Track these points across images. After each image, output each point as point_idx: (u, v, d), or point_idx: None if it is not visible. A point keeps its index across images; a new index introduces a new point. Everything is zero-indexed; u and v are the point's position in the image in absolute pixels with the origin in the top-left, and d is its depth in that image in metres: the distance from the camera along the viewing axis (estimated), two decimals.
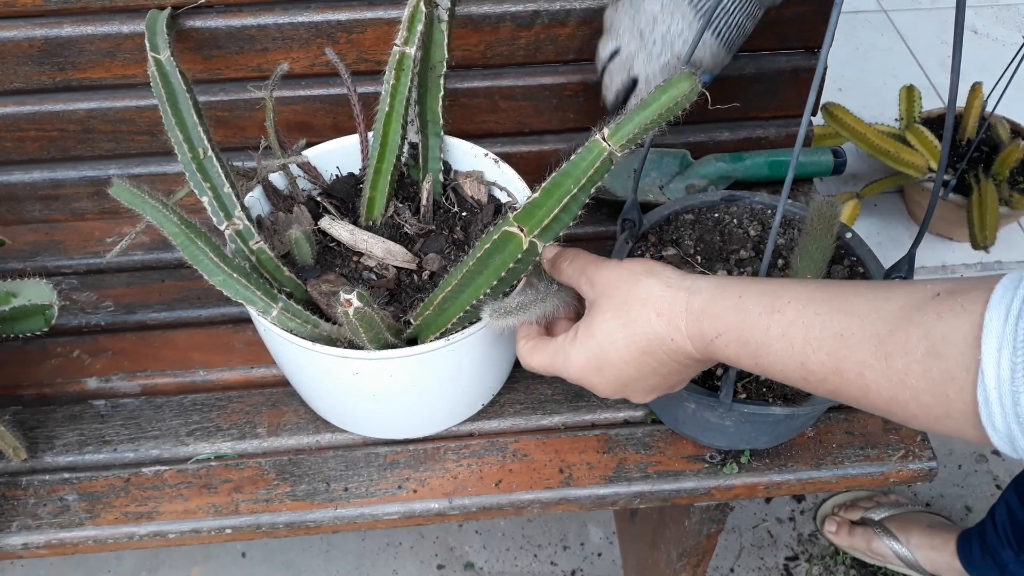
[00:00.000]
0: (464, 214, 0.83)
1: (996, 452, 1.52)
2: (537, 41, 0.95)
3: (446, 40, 0.78)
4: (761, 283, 0.56)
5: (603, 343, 0.60)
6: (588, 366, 0.62)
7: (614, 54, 0.82)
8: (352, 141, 0.85)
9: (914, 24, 2.21)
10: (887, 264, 0.78)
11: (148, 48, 0.78)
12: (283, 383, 0.85)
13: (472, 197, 0.84)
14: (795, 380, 0.53)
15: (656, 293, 0.59)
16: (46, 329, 0.77)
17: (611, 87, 0.83)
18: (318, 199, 0.83)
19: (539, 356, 0.65)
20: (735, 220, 0.85)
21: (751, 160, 1.00)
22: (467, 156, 0.85)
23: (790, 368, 0.53)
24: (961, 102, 1.63)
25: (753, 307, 0.54)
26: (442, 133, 0.83)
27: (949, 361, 0.44)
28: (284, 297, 0.70)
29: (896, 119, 1.65)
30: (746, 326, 0.54)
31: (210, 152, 0.74)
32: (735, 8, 0.77)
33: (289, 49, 0.93)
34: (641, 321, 0.59)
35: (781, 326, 0.53)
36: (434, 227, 0.82)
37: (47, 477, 0.79)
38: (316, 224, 0.80)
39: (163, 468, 0.80)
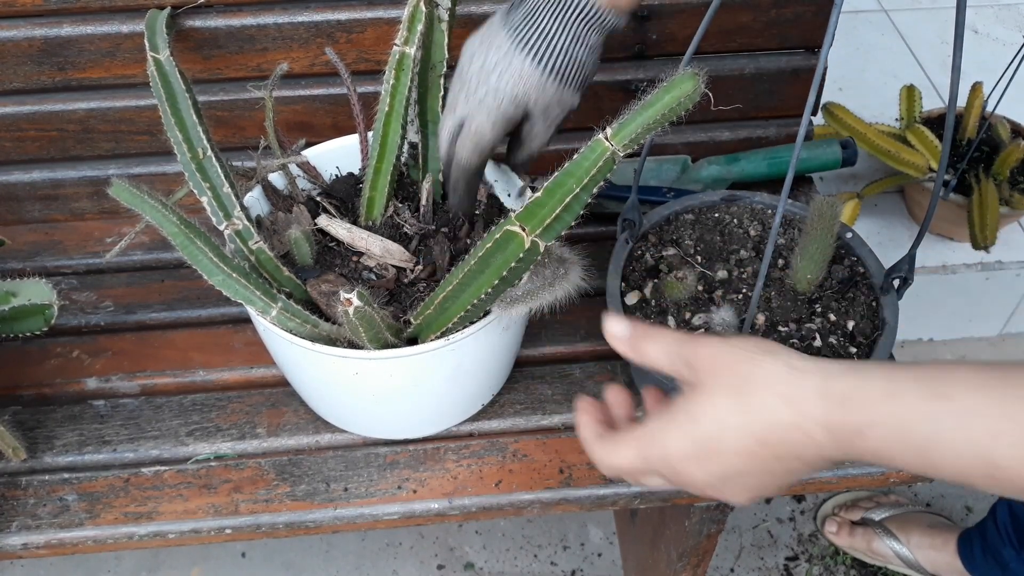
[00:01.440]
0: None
1: None
2: None
3: (446, 40, 0.78)
4: (906, 367, 0.48)
5: (711, 430, 0.52)
6: (689, 455, 0.53)
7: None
8: (352, 141, 0.85)
9: (914, 24, 2.21)
10: (887, 264, 0.78)
11: (148, 48, 0.78)
12: (283, 383, 0.85)
13: None
14: (977, 478, 0.45)
15: (781, 376, 0.51)
16: (46, 329, 0.77)
17: (441, 135, 0.76)
18: (318, 199, 0.83)
19: (624, 451, 0.55)
20: (735, 220, 0.85)
21: (747, 161, 1.00)
22: None
23: (973, 466, 0.45)
24: (961, 102, 1.63)
25: (910, 393, 0.47)
26: None
27: None
28: (284, 297, 0.70)
29: (896, 119, 1.65)
30: (906, 417, 0.46)
31: (209, 152, 0.74)
32: (560, 34, 0.69)
33: (289, 49, 0.93)
34: (762, 407, 0.50)
35: (955, 415, 0.45)
36: (434, 227, 0.82)
37: (47, 477, 0.79)
38: (315, 224, 0.80)
39: (163, 468, 0.80)
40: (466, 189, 0.78)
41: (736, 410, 0.51)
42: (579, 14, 0.69)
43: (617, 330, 0.58)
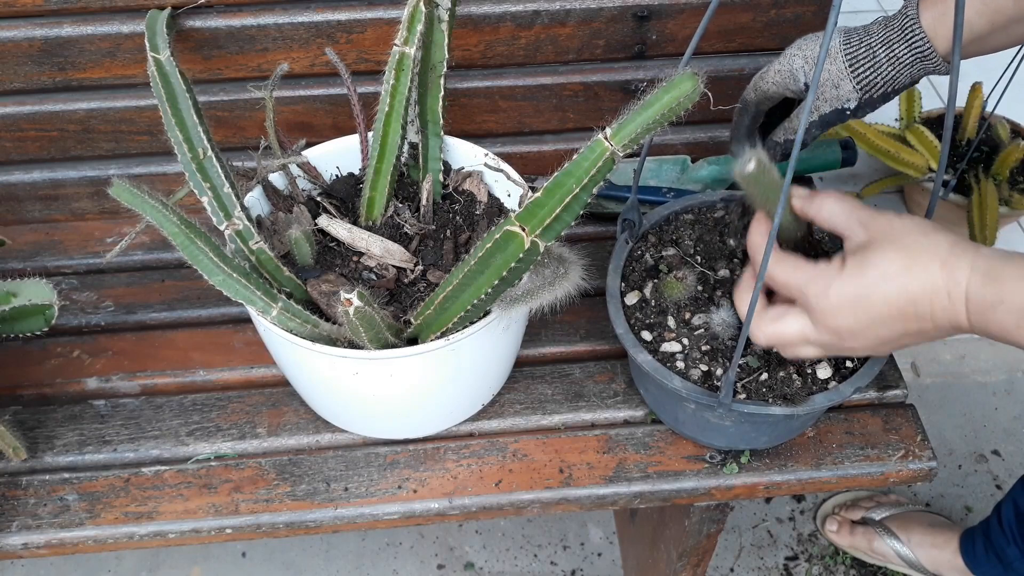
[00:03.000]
0: (464, 214, 0.83)
1: (996, 452, 1.52)
2: (537, 41, 0.95)
3: (446, 40, 0.78)
4: None
5: (875, 279, 0.59)
6: (846, 299, 0.60)
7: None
8: (352, 141, 0.85)
9: None
10: None
11: (148, 48, 0.78)
12: (283, 383, 0.85)
13: (472, 197, 0.84)
14: None
15: (945, 246, 0.58)
16: (46, 329, 0.77)
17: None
18: (318, 199, 0.83)
19: (788, 270, 0.63)
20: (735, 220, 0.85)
21: None
22: (467, 156, 0.85)
23: None
24: (961, 102, 1.63)
25: None
26: (442, 133, 0.82)
27: None
28: (284, 297, 0.70)
29: (896, 119, 1.65)
30: None
31: (210, 152, 0.74)
32: (873, 36, 0.76)
33: (289, 49, 0.93)
34: (923, 270, 0.58)
35: None
36: (434, 227, 0.82)
37: (47, 477, 0.79)
38: (316, 224, 0.80)
39: (163, 468, 0.80)
40: (736, 122, 0.85)
41: (902, 267, 0.59)
42: (900, 31, 0.75)
43: (799, 190, 0.66)
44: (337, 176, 0.86)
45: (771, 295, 0.68)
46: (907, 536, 1.33)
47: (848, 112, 0.77)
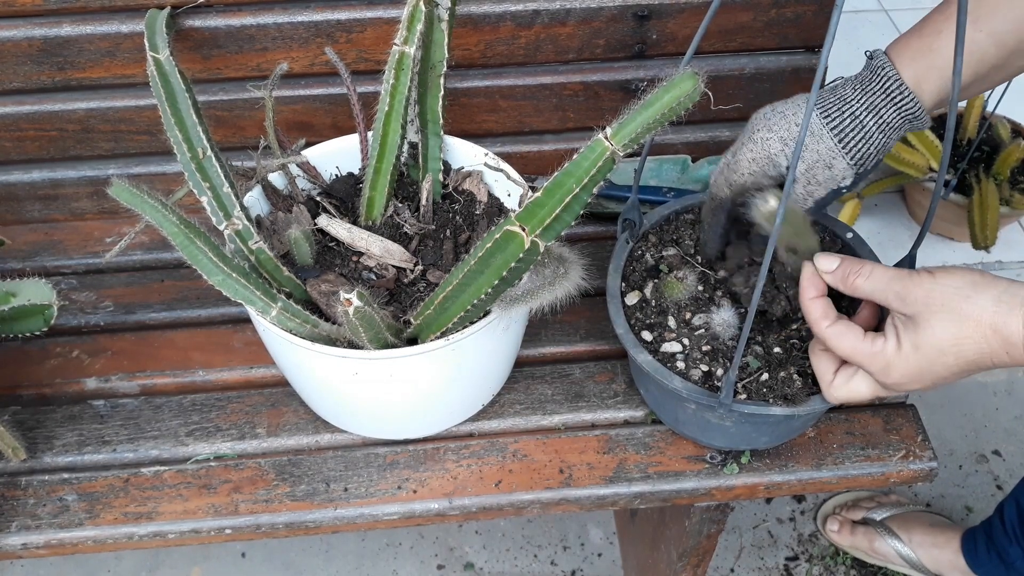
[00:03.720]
0: (464, 214, 0.83)
1: (996, 452, 1.52)
2: (537, 41, 0.95)
3: (446, 39, 0.78)
4: None
5: (931, 357, 0.62)
6: (908, 375, 0.63)
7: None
8: (352, 141, 0.85)
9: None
10: (888, 264, 0.78)
11: (147, 48, 0.78)
12: (283, 383, 0.85)
13: (472, 197, 0.84)
14: None
15: (990, 309, 0.59)
16: (45, 329, 0.77)
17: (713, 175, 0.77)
18: (317, 199, 0.83)
19: (852, 343, 0.65)
20: None
21: None
22: (467, 156, 0.85)
23: None
24: (962, 102, 1.63)
25: None
26: (442, 133, 0.82)
27: None
28: (283, 297, 0.70)
29: None
30: None
31: (209, 152, 0.74)
32: (856, 104, 0.70)
33: (289, 48, 0.93)
34: (975, 338, 0.60)
35: None
36: (434, 227, 0.82)
37: (46, 477, 0.79)
38: (315, 224, 0.80)
39: (163, 468, 0.80)
40: (710, 222, 0.78)
41: (954, 341, 0.60)
42: (883, 94, 0.70)
43: (827, 265, 0.66)
44: (337, 176, 0.85)
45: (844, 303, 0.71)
46: (908, 536, 1.33)
47: (845, 190, 0.74)
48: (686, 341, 0.75)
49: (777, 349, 0.74)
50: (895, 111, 0.70)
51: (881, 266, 0.66)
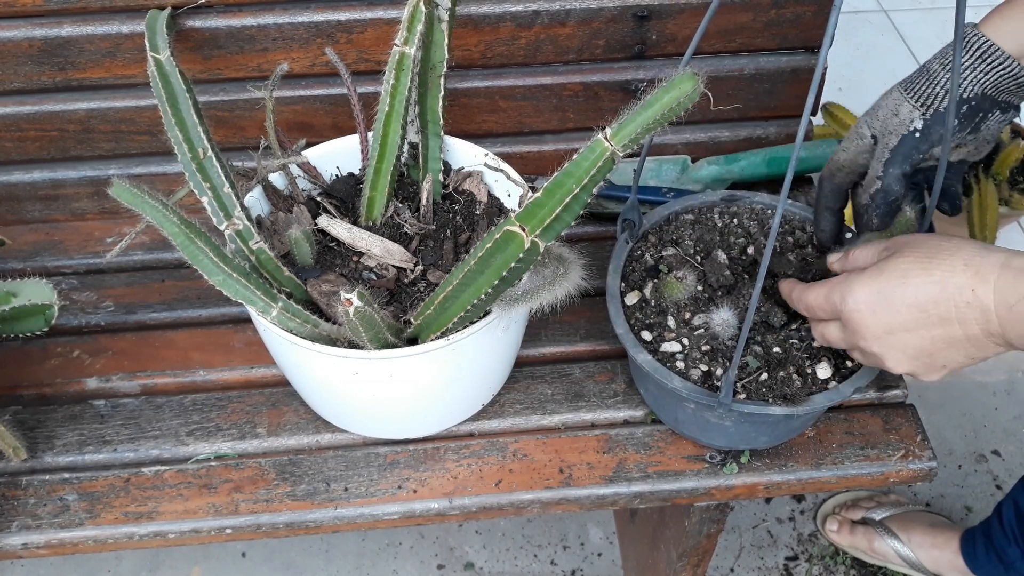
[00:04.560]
0: (464, 214, 0.83)
1: (996, 452, 1.52)
2: (537, 41, 0.95)
3: (446, 40, 0.78)
4: None
5: (893, 280, 0.59)
6: (867, 300, 0.61)
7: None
8: (352, 141, 0.85)
9: (914, 24, 2.21)
10: None
11: (148, 48, 0.78)
12: (283, 383, 0.85)
13: (472, 197, 0.84)
14: None
15: (969, 248, 0.58)
16: (46, 329, 0.77)
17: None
18: (318, 199, 0.83)
19: (817, 289, 0.66)
20: (735, 220, 0.85)
21: (747, 160, 1.00)
22: (467, 156, 0.85)
23: None
24: None
25: None
26: (442, 133, 0.82)
27: None
28: (284, 297, 0.70)
29: None
30: None
31: (210, 152, 0.74)
32: (937, 63, 0.71)
33: (289, 49, 0.93)
34: (944, 266, 0.57)
35: None
36: (434, 227, 0.82)
37: (47, 477, 0.79)
38: (316, 224, 0.80)
39: (163, 468, 0.80)
40: (821, 209, 0.80)
41: (920, 266, 0.58)
42: (968, 52, 0.69)
43: (832, 257, 0.70)
44: (337, 176, 0.86)
45: None
46: (907, 536, 1.33)
47: (918, 134, 0.71)
48: (686, 341, 0.75)
49: (777, 349, 0.74)
50: (964, 52, 0.69)
51: (877, 239, 0.68)
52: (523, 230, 0.61)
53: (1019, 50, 0.69)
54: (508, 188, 0.83)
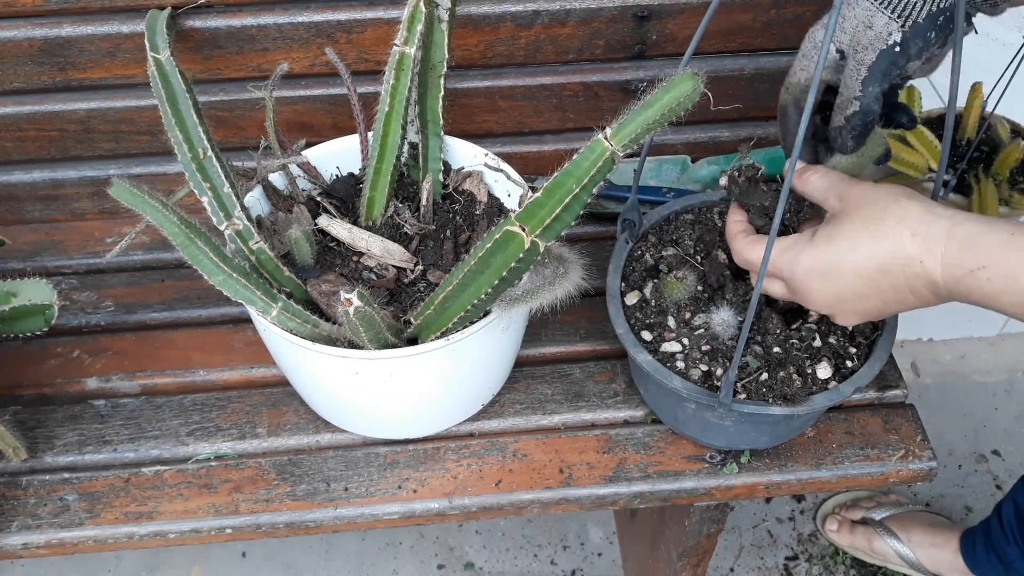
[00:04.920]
0: (464, 214, 0.83)
1: (996, 452, 1.52)
2: (537, 41, 0.95)
3: (446, 40, 0.78)
4: None
5: (842, 249, 0.59)
6: (816, 269, 0.61)
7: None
8: (352, 141, 0.85)
9: None
10: None
11: (148, 48, 0.78)
12: (283, 383, 0.85)
13: (472, 197, 0.84)
14: None
15: (914, 214, 0.58)
16: (46, 329, 0.77)
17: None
18: (318, 199, 0.83)
19: (761, 248, 0.64)
20: None
21: None
22: (467, 156, 0.85)
23: None
24: (961, 102, 1.63)
25: None
26: (442, 133, 0.83)
27: None
28: (284, 297, 0.70)
29: None
30: (1019, 263, 0.54)
31: (210, 152, 0.74)
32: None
33: (289, 49, 0.93)
34: (892, 237, 0.58)
35: None
36: (434, 227, 0.82)
37: (47, 477, 0.79)
38: (316, 224, 0.80)
39: (163, 468, 0.80)
40: (785, 132, 0.74)
41: (869, 236, 0.58)
42: None
43: (799, 167, 0.67)
44: (337, 176, 0.86)
45: None
46: (907, 536, 1.33)
47: (898, 48, 0.65)
48: (686, 341, 0.75)
49: (776, 349, 0.74)
50: None
51: (838, 172, 0.66)
52: (523, 230, 0.61)
53: None
54: (508, 188, 0.83)
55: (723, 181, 0.72)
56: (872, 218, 0.59)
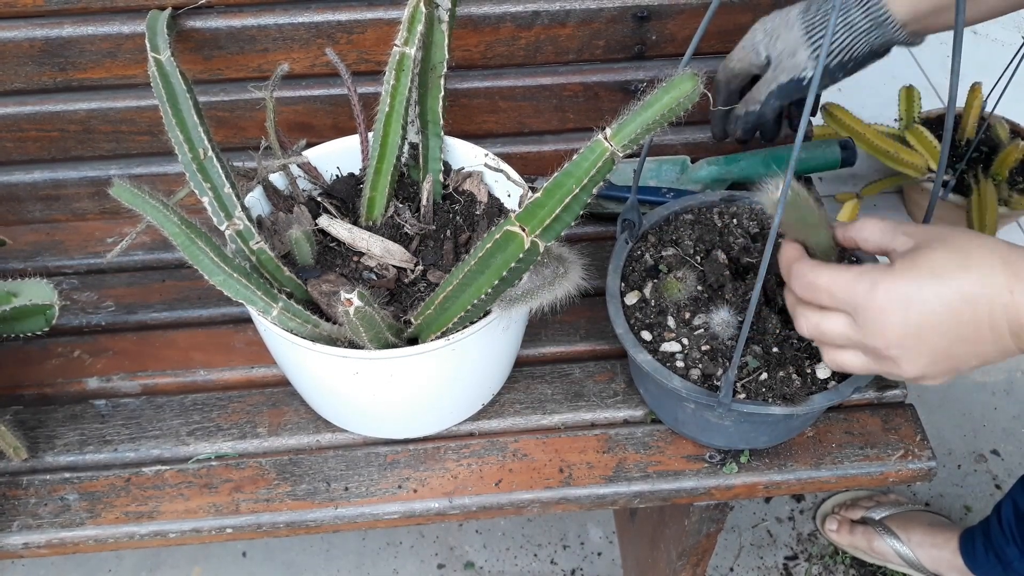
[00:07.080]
0: (464, 214, 0.83)
1: (995, 452, 1.52)
2: (537, 41, 0.95)
3: (446, 40, 0.78)
4: None
5: (926, 277, 0.55)
6: (896, 299, 0.55)
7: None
8: (352, 141, 0.85)
9: None
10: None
11: (148, 48, 0.78)
12: (283, 383, 0.85)
13: (472, 197, 0.84)
14: None
15: (1005, 245, 0.55)
16: (47, 329, 0.77)
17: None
18: (318, 199, 0.83)
19: (832, 273, 0.59)
20: (735, 220, 0.85)
21: (746, 161, 1.00)
22: (467, 156, 0.85)
23: None
24: (960, 102, 1.64)
25: None
26: (442, 133, 0.83)
27: None
28: (284, 297, 0.70)
29: (895, 119, 1.65)
30: None
31: (210, 152, 0.74)
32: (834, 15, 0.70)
33: (289, 49, 0.93)
34: (983, 265, 0.54)
35: None
36: (434, 227, 0.82)
37: (48, 477, 0.80)
38: (316, 224, 0.80)
39: (164, 468, 0.80)
40: (714, 110, 0.88)
41: (957, 264, 0.54)
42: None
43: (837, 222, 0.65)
44: (337, 176, 0.86)
45: None
46: (907, 535, 1.33)
47: (805, 83, 0.78)
48: (685, 341, 0.75)
49: (776, 349, 0.74)
50: (862, 13, 0.76)
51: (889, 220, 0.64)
52: (523, 230, 0.61)
53: (908, 14, 0.75)
54: (508, 188, 0.83)
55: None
56: (960, 248, 0.55)
